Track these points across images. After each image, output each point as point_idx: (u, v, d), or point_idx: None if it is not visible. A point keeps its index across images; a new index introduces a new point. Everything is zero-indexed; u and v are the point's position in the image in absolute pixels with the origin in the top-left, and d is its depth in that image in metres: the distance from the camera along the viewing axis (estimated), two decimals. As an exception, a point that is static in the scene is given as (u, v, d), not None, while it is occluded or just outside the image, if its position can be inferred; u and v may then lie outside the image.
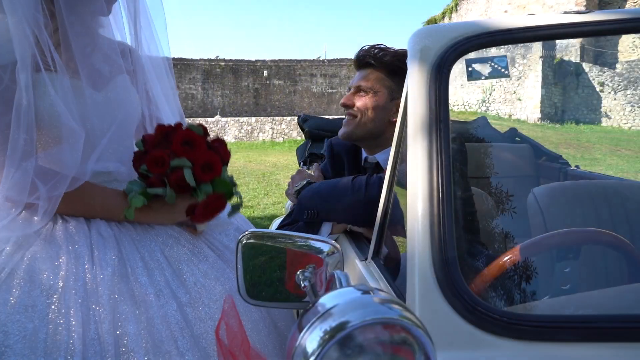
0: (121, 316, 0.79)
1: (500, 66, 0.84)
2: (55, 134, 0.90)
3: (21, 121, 0.84)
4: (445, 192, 0.68)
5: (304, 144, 2.72)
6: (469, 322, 0.57)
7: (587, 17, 0.81)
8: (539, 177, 1.90)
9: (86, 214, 0.91)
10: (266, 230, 0.81)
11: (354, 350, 0.43)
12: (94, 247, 0.85)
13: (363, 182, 1.16)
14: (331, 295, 0.47)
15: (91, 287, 0.80)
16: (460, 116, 8.90)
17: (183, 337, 0.82)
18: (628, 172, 5.41)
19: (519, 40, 0.83)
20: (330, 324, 0.43)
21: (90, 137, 0.93)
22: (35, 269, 0.78)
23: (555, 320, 0.59)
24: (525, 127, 14.37)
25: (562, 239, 0.87)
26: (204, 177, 0.94)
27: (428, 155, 0.71)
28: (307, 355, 0.43)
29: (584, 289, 0.81)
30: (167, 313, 0.83)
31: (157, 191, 0.92)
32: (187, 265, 0.92)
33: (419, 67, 0.81)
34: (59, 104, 0.88)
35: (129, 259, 0.87)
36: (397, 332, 0.42)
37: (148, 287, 0.84)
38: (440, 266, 0.61)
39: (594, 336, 0.55)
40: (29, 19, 0.85)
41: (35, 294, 0.76)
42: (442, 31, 0.85)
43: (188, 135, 0.95)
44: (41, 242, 0.83)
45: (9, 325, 0.71)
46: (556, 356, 0.54)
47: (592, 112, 16.00)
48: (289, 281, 0.77)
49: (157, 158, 0.92)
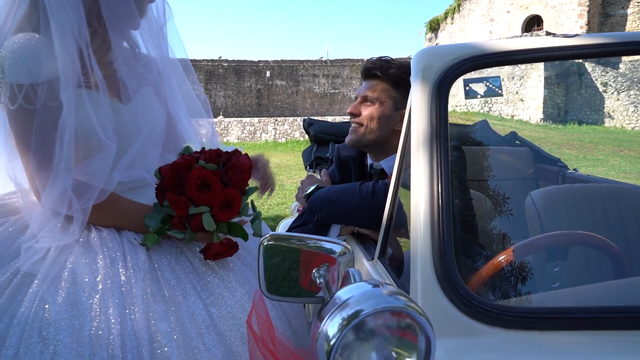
0: (154, 315, 0.85)
1: (495, 86, 0.92)
2: (88, 148, 0.96)
3: (65, 137, 0.90)
4: (445, 198, 0.77)
5: (310, 148, 2.78)
6: (464, 313, 0.65)
7: (573, 40, 0.89)
8: (538, 180, 1.95)
9: (116, 226, 0.98)
10: (284, 233, 0.88)
11: (366, 334, 0.52)
12: (126, 253, 0.92)
13: (370, 188, 1.24)
14: (347, 289, 0.56)
15: (126, 288, 0.86)
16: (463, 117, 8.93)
17: (209, 334, 0.87)
18: (630, 173, 5.42)
19: (513, 62, 0.91)
20: (347, 312, 0.52)
21: (119, 150, 0.98)
22: (77, 273, 0.86)
23: (538, 312, 0.68)
24: (528, 127, 14.35)
25: (551, 241, 0.96)
26: (223, 216, 0.96)
27: (429, 166, 0.80)
28: (329, 339, 0.52)
29: (568, 285, 0.89)
30: (194, 312, 0.89)
31: (177, 235, 0.96)
32: (210, 269, 0.98)
33: (422, 85, 0.89)
34: (95, 120, 0.94)
35: (158, 264, 0.94)
36: (403, 318, 0.51)
37: (176, 288, 0.91)
38: (440, 265, 0.69)
39: (570, 325, 0.64)
40: (75, 35, 0.91)
41: (79, 294, 0.83)
42: (443, 52, 0.93)
43: (201, 175, 0.93)
44: (80, 248, 0.90)
45: (59, 322, 0.79)
46: (538, 342, 0.63)
47: (595, 112, 15.94)
48: (303, 279, 0.85)
49: (176, 202, 0.93)
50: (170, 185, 0.94)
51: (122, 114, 1.02)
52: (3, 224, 0.93)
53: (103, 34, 0.99)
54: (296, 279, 0.86)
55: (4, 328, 0.77)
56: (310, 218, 1.33)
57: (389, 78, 1.41)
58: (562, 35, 0.90)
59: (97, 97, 0.96)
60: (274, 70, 24.80)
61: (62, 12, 0.90)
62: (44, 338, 0.77)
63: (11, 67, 0.89)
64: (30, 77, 0.90)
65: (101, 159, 0.96)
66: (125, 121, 1.02)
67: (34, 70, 0.90)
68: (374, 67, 1.43)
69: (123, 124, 1.01)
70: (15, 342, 0.76)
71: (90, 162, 0.97)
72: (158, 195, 0.97)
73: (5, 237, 0.90)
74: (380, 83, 1.42)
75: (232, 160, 0.98)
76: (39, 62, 0.91)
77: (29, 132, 0.90)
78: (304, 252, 0.85)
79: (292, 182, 8.22)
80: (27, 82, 0.90)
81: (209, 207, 0.94)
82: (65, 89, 0.91)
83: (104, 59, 1.01)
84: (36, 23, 0.93)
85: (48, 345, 0.77)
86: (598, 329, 0.64)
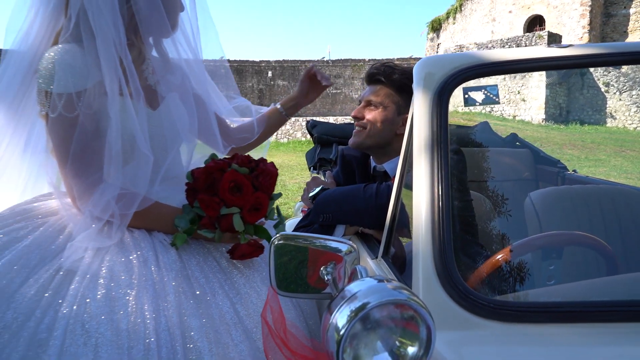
0: (186, 311, 0.89)
1: (492, 94, 0.97)
2: (128, 155, 1.01)
3: (112, 149, 0.95)
4: (445, 200, 0.82)
5: (313, 149, 2.81)
6: (462, 307, 0.71)
7: (567, 51, 0.94)
8: (538, 181, 1.99)
9: (147, 227, 1.02)
10: (293, 233, 0.93)
11: (373, 325, 0.57)
12: (157, 253, 0.97)
13: (374, 190, 1.29)
14: (354, 284, 0.61)
15: (159, 286, 0.91)
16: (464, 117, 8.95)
17: (236, 330, 0.91)
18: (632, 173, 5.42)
19: (511, 71, 0.96)
20: (355, 304, 0.57)
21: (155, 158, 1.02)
22: (114, 270, 0.90)
23: (531, 306, 0.73)
24: (530, 128, 14.32)
25: (546, 241, 1.01)
26: (251, 219, 1.01)
27: (430, 170, 0.85)
28: (338, 330, 0.57)
29: (561, 282, 0.94)
30: (222, 309, 0.93)
31: (207, 234, 1.00)
32: (236, 269, 1.03)
33: (423, 92, 0.94)
34: (135, 128, 0.98)
35: (188, 263, 0.97)
36: (406, 310, 0.56)
37: (205, 287, 0.95)
38: (440, 262, 0.75)
39: (561, 318, 0.69)
40: (118, 49, 0.96)
41: (116, 291, 0.88)
42: (443, 61, 0.98)
43: (234, 178, 0.98)
44: (115, 248, 0.95)
45: (99, 316, 0.84)
46: (531, 334, 0.69)
47: (597, 112, 15.91)
48: (311, 276, 0.90)
49: (208, 202, 0.97)
50: (204, 187, 0.98)
51: (152, 119, 1.06)
52: (43, 224, 0.98)
53: (139, 46, 1.05)
54: (304, 276, 0.91)
55: (49, 321, 0.82)
56: (316, 218, 1.38)
57: (393, 83, 1.45)
58: (557, 46, 0.94)
59: (135, 106, 1.00)
60: (276, 71, 24.84)
61: (106, 28, 0.95)
62: (87, 331, 0.82)
63: (52, 76, 0.94)
64: (69, 86, 0.94)
65: (141, 166, 1.00)
66: (153, 126, 1.06)
67: (72, 79, 0.95)
68: (377, 73, 1.48)
69: (151, 128, 1.06)
70: (61, 334, 0.81)
71: (129, 169, 1.01)
72: (189, 196, 1.01)
73: (46, 237, 0.95)
74: (383, 88, 1.47)
75: (261, 166, 1.04)
76: (77, 71, 0.95)
77: (68, 140, 0.95)
78: (312, 250, 0.90)
79: (294, 183, 8.26)
80: (66, 91, 0.94)
81: (239, 208, 0.99)
82: (112, 103, 0.95)
83: (140, 70, 1.06)
84: (75, 36, 0.97)
85: (90, 338, 0.82)
86: (586, 322, 0.69)
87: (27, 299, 0.84)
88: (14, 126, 1.06)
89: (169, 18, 1.05)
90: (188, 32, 1.11)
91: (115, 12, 0.96)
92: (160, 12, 1.01)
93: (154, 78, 1.09)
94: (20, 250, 0.90)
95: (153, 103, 1.08)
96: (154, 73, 1.10)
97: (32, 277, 0.88)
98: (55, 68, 0.94)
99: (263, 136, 1.41)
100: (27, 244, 0.92)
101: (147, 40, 1.05)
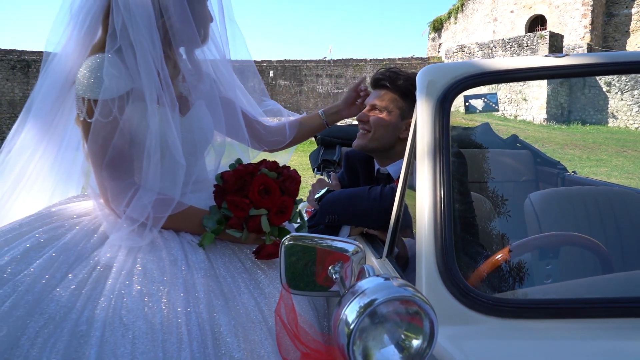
0: (215, 308, 0.93)
1: (492, 102, 1.02)
2: (162, 162, 1.05)
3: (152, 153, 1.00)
4: (447, 202, 0.86)
5: (317, 150, 2.84)
6: (463, 304, 0.75)
7: (565, 60, 0.98)
8: (538, 182, 2.02)
9: (175, 228, 1.07)
10: (303, 234, 0.95)
11: (380, 319, 0.62)
12: (186, 252, 1.01)
13: (378, 192, 1.33)
14: (363, 282, 0.66)
15: (189, 284, 0.94)
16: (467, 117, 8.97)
17: (261, 328, 0.95)
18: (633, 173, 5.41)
19: (510, 79, 1.01)
20: (364, 301, 0.61)
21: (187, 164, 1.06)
22: (147, 268, 0.95)
23: (528, 303, 0.78)
24: (532, 128, 14.32)
25: (544, 241, 1.05)
26: (277, 221, 1.05)
27: (433, 173, 0.90)
28: (348, 324, 0.61)
29: (557, 281, 0.99)
30: (248, 308, 0.97)
31: (235, 234, 1.05)
32: (260, 269, 1.07)
33: (426, 99, 0.99)
34: (172, 137, 1.03)
35: (215, 263, 1.02)
36: (411, 306, 0.61)
37: (232, 286, 0.99)
38: (442, 261, 0.79)
39: (556, 314, 0.74)
40: (154, 59, 1.01)
41: (150, 287, 0.92)
42: (446, 69, 1.03)
43: (264, 182, 1.04)
44: (147, 247, 1.00)
45: (136, 311, 0.89)
46: (528, 329, 0.73)
47: (599, 112, 15.90)
48: (319, 274, 0.95)
49: (237, 203, 1.02)
50: (233, 189, 1.04)
51: (182, 126, 1.10)
52: (79, 224, 1.03)
53: (174, 58, 1.10)
54: (312, 274, 0.95)
55: (89, 314, 0.88)
56: (322, 220, 1.43)
57: (397, 89, 1.49)
58: (553, 55, 0.99)
59: (169, 112, 1.04)
60: (277, 70, 24.87)
61: (145, 43, 1.00)
62: (125, 324, 0.87)
63: (89, 84, 1.00)
64: (107, 92, 1.00)
65: (176, 173, 1.05)
66: (183, 132, 1.10)
67: (109, 86, 1.00)
68: (383, 78, 1.52)
69: (182, 135, 1.10)
70: (100, 326, 0.86)
71: (164, 174, 1.05)
72: (217, 197, 1.06)
73: (82, 236, 1.00)
74: (388, 93, 1.51)
75: (286, 172, 1.10)
76: (114, 80, 1.00)
77: (104, 145, 1.00)
78: (320, 250, 0.94)
79: (297, 183, 8.25)
80: (102, 98, 0.99)
81: (267, 210, 1.04)
82: (152, 114, 1.01)
83: (175, 82, 1.10)
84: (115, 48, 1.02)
85: (128, 330, 0.86)
86: (580, 317, 0.74)
87: (69, 293, 0.90)
88: (50, 134, 1.11)
89: (200, 30, 1.10)
90: (218, 41, 1.16)
91: (152, 27, 1.01)
92: (191, 25, 1.06)
93: (185, 87, 1.14)
94: (60, 247, 0.96)
95: (183, 109, 1.12)
96: (185, 81, 1.15)
97: (72, 272, 0.93)
98: (94, 76, 0.99)
99: (295, 140, 1.47)
100: (65, 241, 0.97)
101: (178, 51, 1.10)
